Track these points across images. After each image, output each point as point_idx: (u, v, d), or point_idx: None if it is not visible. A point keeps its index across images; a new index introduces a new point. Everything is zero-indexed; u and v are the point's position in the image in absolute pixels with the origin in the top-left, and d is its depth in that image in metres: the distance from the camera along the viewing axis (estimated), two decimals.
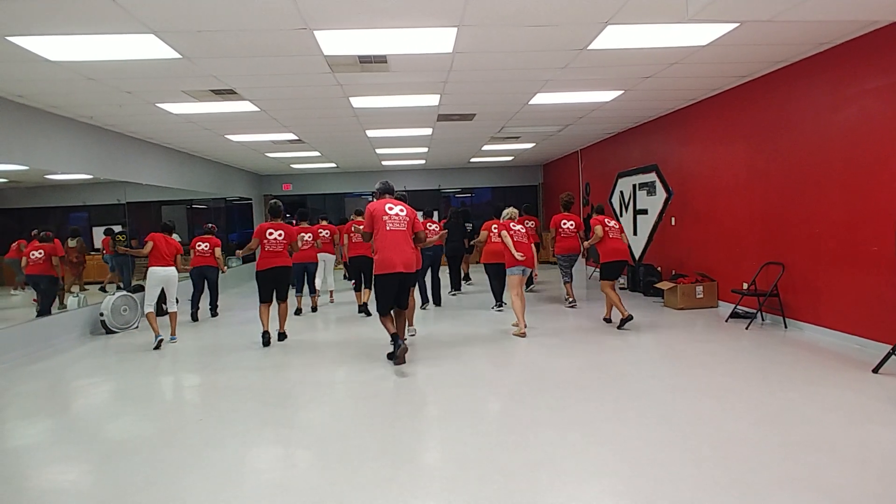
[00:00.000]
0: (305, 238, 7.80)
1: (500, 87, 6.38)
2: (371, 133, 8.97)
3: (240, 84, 5.74)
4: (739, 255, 6.68)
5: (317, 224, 8.77)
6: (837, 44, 5.04)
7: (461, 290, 9.30)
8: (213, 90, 5.89)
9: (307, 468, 3.06)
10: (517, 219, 6.60)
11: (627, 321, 5.94)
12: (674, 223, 8.27)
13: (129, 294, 7.34)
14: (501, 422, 3.70)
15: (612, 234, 6.27)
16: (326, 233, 8.67)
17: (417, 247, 5.11)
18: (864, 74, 4.81)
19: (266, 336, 5.92)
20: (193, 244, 7.91)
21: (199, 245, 7.84)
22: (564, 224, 7.66)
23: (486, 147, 11.23)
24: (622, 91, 6.75)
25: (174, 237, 6.58)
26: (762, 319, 6.14)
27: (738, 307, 6.34)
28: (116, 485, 2.93)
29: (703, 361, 4.77)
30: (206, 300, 8.11)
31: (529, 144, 11.22)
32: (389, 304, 4.93)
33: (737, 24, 4.47)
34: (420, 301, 7.73)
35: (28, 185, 7.08)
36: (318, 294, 8.44)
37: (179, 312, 6.80)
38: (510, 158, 13.69)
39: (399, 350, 4.76)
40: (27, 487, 3.00)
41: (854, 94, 4.93)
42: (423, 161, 13.36)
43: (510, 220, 6.40)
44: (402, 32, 4.44)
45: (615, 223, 6.41)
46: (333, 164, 13.16)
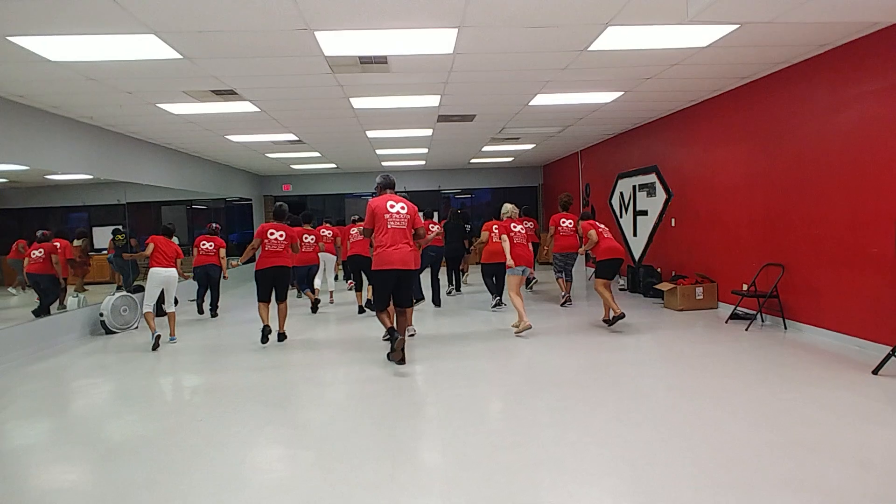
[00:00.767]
0: (307, 240, 7.88)
1: (501, 88, 6.39)
2: (371, 134, 8.98)
3: (240, 84, 5.74)
4: (739, 257, 6.68)
5: (320, 226, 8.87)
6: (838, 45, 5.05)
7: (460, 291, 9.31)
8: (214, 90, 5.89)
9: (308, 468, 3.06)
10: (517, 218, 6.60)
11: (619, 319, 5.96)
12: (674, 224, 8.27)
13: (129, 294, 7.35)
14: (502, 421, 3.70)
15: (606, 235, 6.35)
16: (329, 233, 8.76)
17: (417, 243, 5.08)
18: (865, 76, 4.82)
19: (266, 330, 5.90)
20: (197, 243, 7.95)
21: (204, 244, 7.88)
22: (564, 223, 7.71)
23: (487, 148, 11.24)
24: (622, 92, 6.76)
25: (174, 240, 6.59)
26: (762, 321, 6.15)
27: (738, 308, 6.35)
28: (117, 485, 2.93)
29: (703, 362, 4.77)
30: (208, 300, 8.12)
31: (529, 145, 11.23)
32: (386, 301, 4.93)
33: (737, 26, 4.48)
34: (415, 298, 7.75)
35: (28, 186, 7.09)
36: (318, 292, 8.46)
37: (181, 312, 6.81)
38: (510, 159, 13.70)
39: (396, 343, 4.73)
40: (28, 487, 3.00)
41: (854, 96, 4.94)
42: (424, 162, 13.36)
43: (510, 220, 6.40)
44: (403, 33, 4.44)
45: (605, 227, 6.50)
46: (333, 165, 13.16)
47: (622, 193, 10.07)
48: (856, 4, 4.07)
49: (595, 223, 6.40)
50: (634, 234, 9.55)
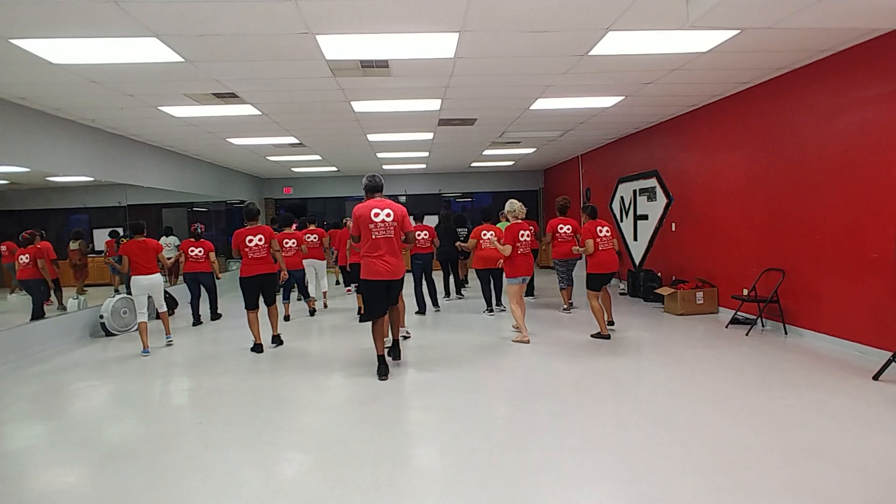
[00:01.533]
0: (288, 244, 7.56)
1: (502, 93, 6.40)
2: (372, 137, 8.99)
3: (242, 88, 5.76)
4: (740, 261, 6.68)
5: (305, 229, 8.43)
6: (838, 51, 5.06)
7: (459, 296, 9.21)
8: (215, 94, 5.91)
9: (307, 472, 3.06)
10: (523, 220, 6.11)
11: (601, 337, 5.87)
12: (674, 229, 8.28)
13: (129, 297, 7.33)
14: (501, 426, 3.69)
15: (603, 246, 5.97)
16: (314, 238, 8.35)
17: (406, 246, 4.96)
18: (865, 81, 4.83)
19: (258, 348, 5.83)
20: (185, 249, 7.73)
21: (193, 251, 7.67)
22: (562, 228, 7.42)
23: (487, 152, 11.25)
24: (623, 97, 6.77)
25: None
26: (762, 325, 6.14)
27: (739, 313, 6.34)
28: (116, 488, 2.93)
29: (703, 367, 4.77)
30: (206, 304, 8.10)
31: (530, 149, 11.24)
32: (377, 310, 4.78)
33: (737, 31, 4.49)
34: (417, 307, 7.73)
35: (29, 187, 7.10)
36: (315, 300, 8.33)
37: (181, 316, 6.77)
38: (511, 163, 13.71)
39: (381, 377, 4.67)
40: (27, 489, 3.00)
41: (854, 101, 4.95)
42: (424, 165, 13.38)
43: (517, 225, 5.96)
44: (404, 37, 4.46)
45: (607, 230, 6.08)
46: (334, 168, 13.17)
47: (623, 198, 10.09)
48: (855, 11, 4.08)
49: (595, 230, 6.00)
50: (635, 239, 9.55)
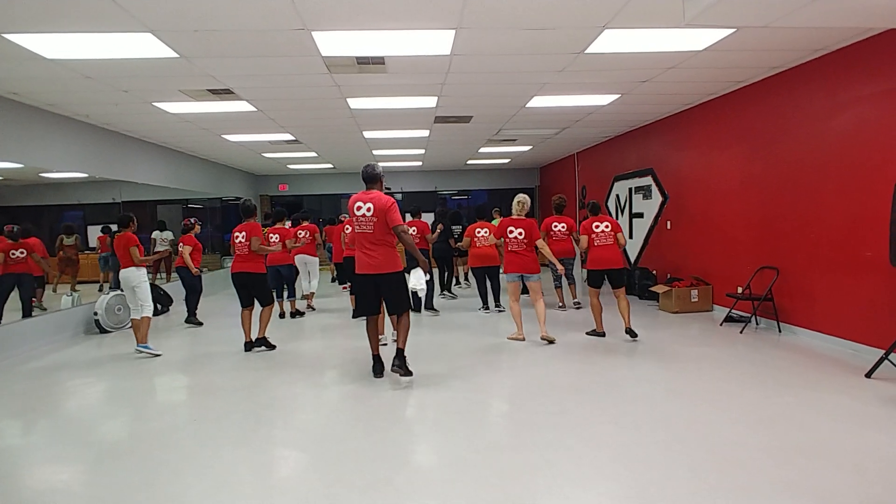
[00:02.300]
0: (272, 239, 7.20)
1: (498, 90, 6.39)
2: (368, 134, 8.97)
3: (237, 84, 5.73)
4: (734, 259, 6.71)
5: (298, 226, 8.24)
6: (833, 50, 5.08)
7: (452, 294, 9.15)
8: (211, 90, 5.88)
9: (303, 470, 3.06)
10: (523, 215, 5.88)
11: (596, 335, 5.88)
12: (669, 227, 8.30)
13: (123, 293, 7.27)
14: (498, 425, 3.70)
15: (599, 241, 5.83)
16: (305, 233, 8.16)
17: (400, 239, 4.53)
18: (860, 80, 4.85)
19: (248, 346, 5.76)
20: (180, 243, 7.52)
21: (180, 246, 7.41)
22: (556, 227, 7.43)
23: (483, 149, 11.25)
24: (619, 95, 6.77)
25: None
26: (757, 323, 6.17)
27: (733, 311, 6.37)
28: (111, 486, 2.91)
29: (698, 365, 4.79)
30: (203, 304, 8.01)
31: (526, 147, 11.24)
32: (366, 306, 4.63)
33: (733, 30, 4.50)
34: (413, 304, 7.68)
35: (23, 184, 7.04)
36: (295, 301, 8.01)
37: (176, 312, 6.70)
38: (507, 161, 13.71)
39: (376, 374, 4.65)
40: (21, 487, 2.98)
41: (849, 100, 4.97)
42: (420, 163, 13.36)
43: (513, 220, 5.82)
44: (400, 34, 4.44)
45: (606, 226, 5.86)
46: (330, 165, 13.14)
47: (618, 196, 10.10)
48: (851, 11, 4.08)
49: (591, 226, 5.90)
50: (630, 237, 9.57)
